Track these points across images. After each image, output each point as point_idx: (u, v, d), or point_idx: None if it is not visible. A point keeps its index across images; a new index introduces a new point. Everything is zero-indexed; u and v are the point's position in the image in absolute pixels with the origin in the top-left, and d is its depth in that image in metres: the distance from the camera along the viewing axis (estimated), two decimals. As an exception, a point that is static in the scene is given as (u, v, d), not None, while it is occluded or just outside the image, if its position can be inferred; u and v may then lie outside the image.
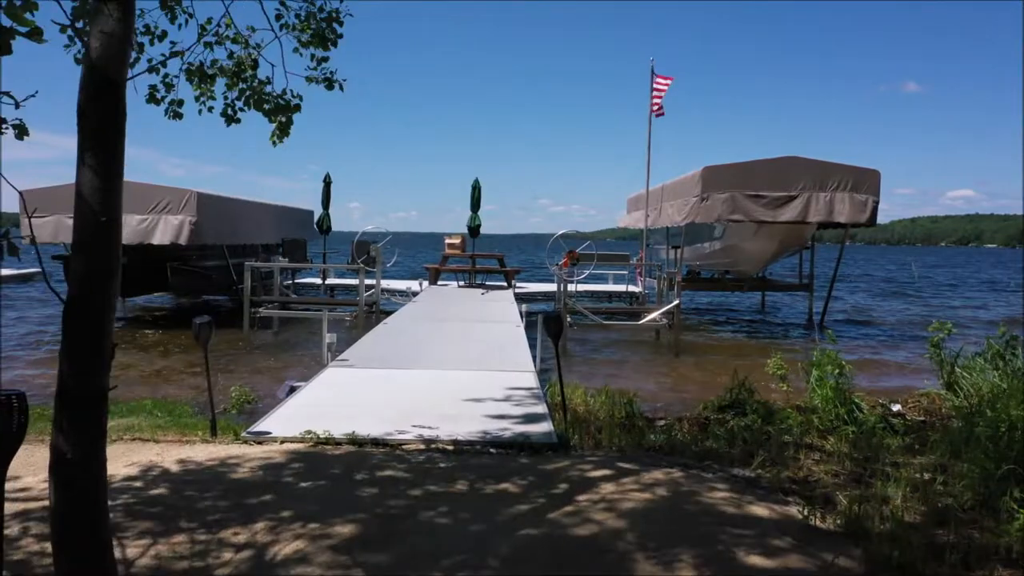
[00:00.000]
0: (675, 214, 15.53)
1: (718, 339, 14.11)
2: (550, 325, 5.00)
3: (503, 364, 7.25)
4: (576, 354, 11.83)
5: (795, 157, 14.27)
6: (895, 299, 25.51)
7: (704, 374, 10.20)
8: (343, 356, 7.42)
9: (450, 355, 7.77)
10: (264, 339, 12.44)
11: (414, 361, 7.32)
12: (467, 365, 7.18)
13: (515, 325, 10.06)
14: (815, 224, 14.47)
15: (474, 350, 8.07)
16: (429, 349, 8.07)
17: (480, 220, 18.29)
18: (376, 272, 13.58)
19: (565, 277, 12.21)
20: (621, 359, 11.51)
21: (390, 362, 7.24)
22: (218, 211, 15.54)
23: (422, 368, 7.00)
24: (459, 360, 7.46)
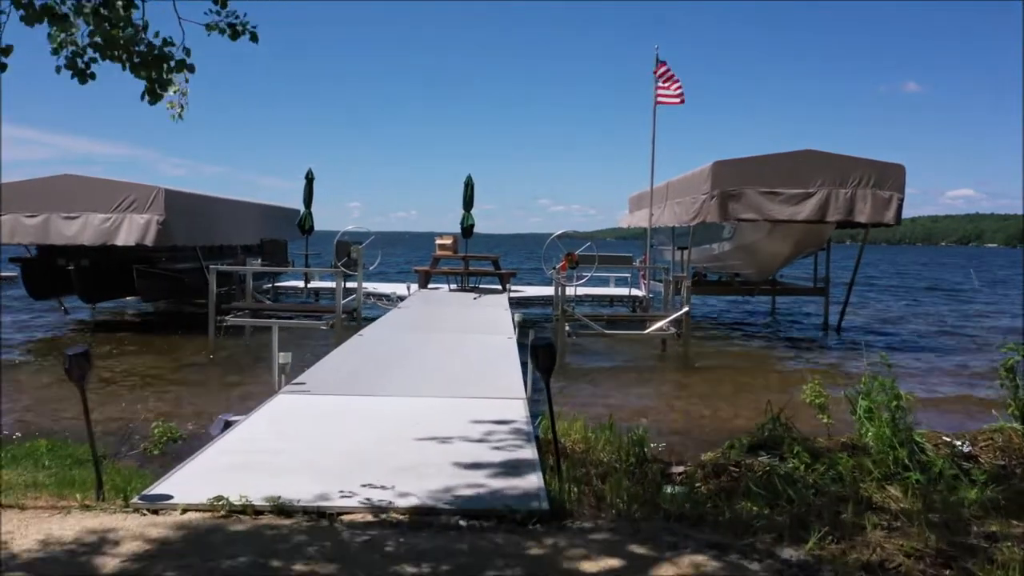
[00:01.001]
0: (682, 213, 14.41)
1: (729, 349, 13.00)
2: (539, 357, 3.77)
3: (488, 388, 6.14)
4: (575, 367, 10.72)
5: (813, 150, 13.16)
6: (924, 304, 24.36)
7: (718, 391, 9.09)
8: (300, 379, 6.30)
9: (428, 375, 6.66)
10: (231, 350, 11.33)
11: (383, 385, 6.21)
12: (446, 389, 6.07)
13: (507, 336, 8.95)
14: (834, 224, 13.35)
15: (457, 369, 6.96)
16: (404, 368, 6.95)
17: (473, 219, 17.17)
18: (357, 275, 12.47)
19: (563, 281, 11.10)
20: (624, 373, 10.40)
21: (354, 386, 6.13)
22: (189, 209, 14.42)
23: (391, 394, 5.89)
24: (437, 382, 6.35)
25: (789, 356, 12.28)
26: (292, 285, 17.81)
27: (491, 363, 7.24)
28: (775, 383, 9.86)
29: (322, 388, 6.01)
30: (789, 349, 13.10)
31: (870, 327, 16.72)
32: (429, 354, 7.70)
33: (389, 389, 6.05)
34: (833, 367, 11.32)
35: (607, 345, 12.04)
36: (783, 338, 14.62)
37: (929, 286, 32.40)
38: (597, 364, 11.03)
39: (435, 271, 16.72)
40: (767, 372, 10.75)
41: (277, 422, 5.01)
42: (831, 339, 14.57)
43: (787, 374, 10.57)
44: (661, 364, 11.29)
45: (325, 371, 6.70)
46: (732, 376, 10.26)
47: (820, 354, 12.64)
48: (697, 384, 9.56)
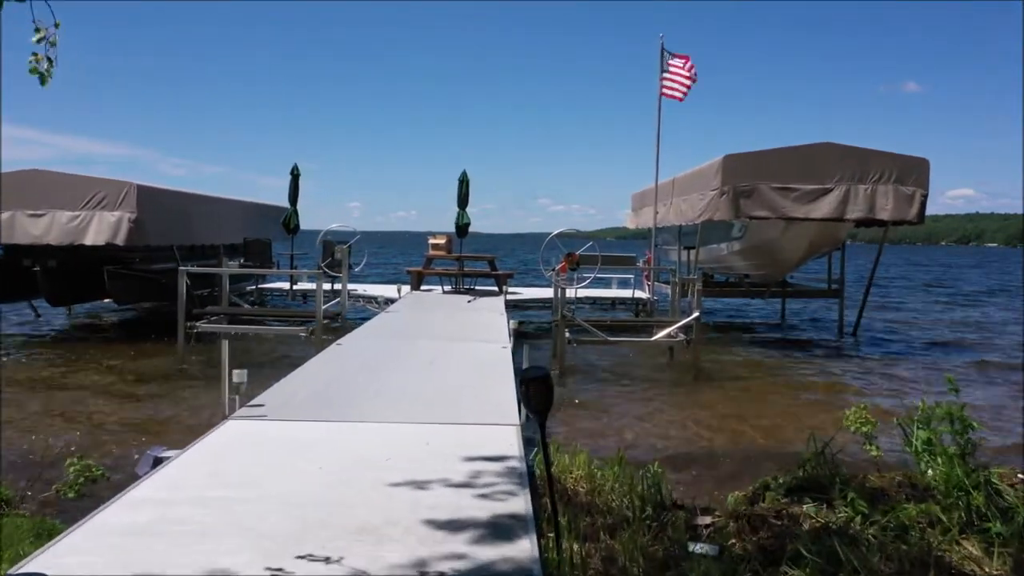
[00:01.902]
0: (689, 210, 13.56)
1: (741, 356, 12.13)
2: (531, 394, 2.77)
3: (477, 411, 5.28)
4: (575, 377, 9.86)
5: (831, 143, 12.30)
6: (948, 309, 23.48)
7: (735, 407, 8.23)
8: (257, 400, 5.44)
9: (408, 394, 5.79)
10: (203, 359, 10.46)
11: (355, 407, 5.34)
12: (427, 413, 5.21)
13: (501, 345, 8.09)
14: (852, 222, 12.50)
15: (442, 386, 6.09)
16: (382, 385, 6.08)
17: (469, 218, 16.31)
18: (342, 277, 11.61)
19: (563, 284, 10.23)
20: (630, 385, 9.54)
21: (321, 409, 5.26)
22: (165, 207, 13.57)
23: (363, 419, 5.02)
24: (419, 404, 5.48)
25: (806, 365, 11.42)
26: (277, 287, 16.93)
27: (482, 378, 6.38)
28: (796, 397, 9.01)
29: (282, 412, 5.14)
30: (805, 356, 12.24)
31: (887, 330, 15.85)
32: (412, 367, 6.83)
33: (361, 413, 5.18)
34: (858, 375, 10.47)
35: (610, 352, 11.18)
36: (796, 343, 13.76)
37: (936, 286, 31.55)
38: (600, 375, 10.17)
39: (428, 272, 15.87)
40: (785, 384, 9.89)
41: (218, 459, 4.14)
42: (847, 344, 13.71)
43: (808, 386, 9.72)
44: (670, 375, 10.42)
45: (289, 390, 5.83)
46: (748, 388, 9.41)
47: (840, 363, 11.77)
48: (711, 398, 8.70)
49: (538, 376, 2.68)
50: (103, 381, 9.14)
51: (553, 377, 2.78)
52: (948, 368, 11.26)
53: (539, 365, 3.74)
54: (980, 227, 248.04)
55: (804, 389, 9.49)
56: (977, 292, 28.80)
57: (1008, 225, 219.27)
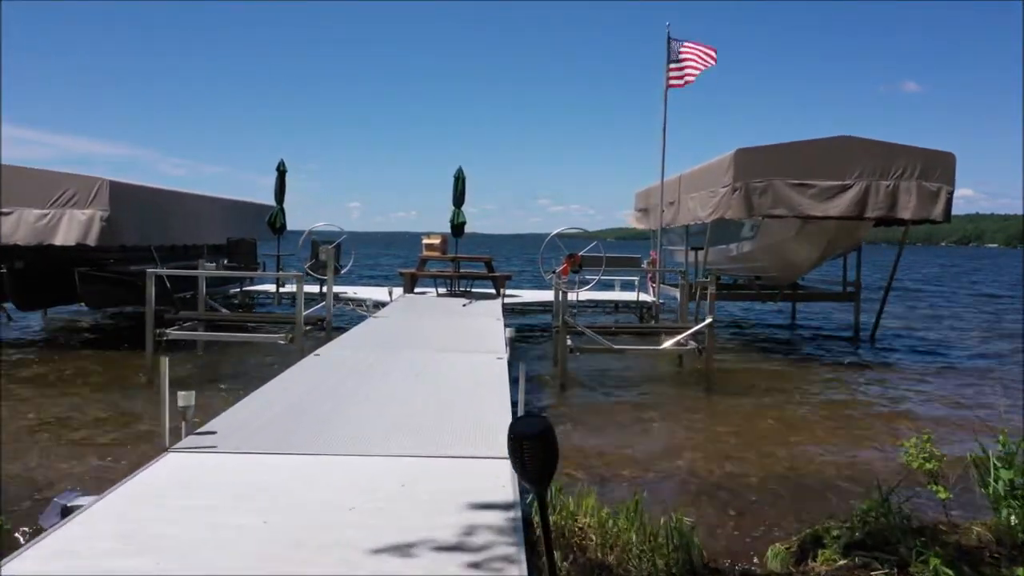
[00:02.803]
0: (698, 209, 12.77)
1: (753, 365, 11.34)
2: (527, 456, 1.80)
3: (465, 440, 4.49)
4: (577, 392, 9.08)
5: (850, 136, 11.52)
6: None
7: (757, 425, 7.44)
8: (209, 426, 4.65)
9: (387, 419, 5.00)
10: (175, 370, 9.66)
11: (324, 434, 4.55)
12: (407, 443, 4.42)
13: (496, 356, 7.30)
14: (872, 221, 11.72)
15: (427, 408, 5.30)
16: (358, 406, 5.29)
17: (465, 217, 15.51)
18: (328, 279, 10.82)
19: (565, 287, 9.44)
20: (637, 398, 8.76)
21: (282, 438, 4.48)
22: (140, 205, 12.76)
23: (332, 451, 4.24)
24: (398, 431, 4.69)
25: (825, 375, 10.62)
26: (264, 289, 16.14)
27: (473, 397, 5.59)
28: (820, 413, 8.22)
29: (234, 441, 4.35)
30: (823, 365, 11.45)
31: (906, 336, 15.05)
32: (395, 384, 6.04)
33: (329, 443, 4.39)
34: (883, 389, 9.68)
35: (614, 359, 10.40)
36: (811, 350, 12.97)
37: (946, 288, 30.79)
38: (604, 385, 9.38)
39: (421, 273, 15.09)
40: (805, 397, 9.11)
41: (139, 508, 3.35)
42: (865, 351, 12.93)
43: (832, 402, 8.92)
44: (681, 387, 9.62)
45: (249, 412, 5.04)
46: (766, 402, 8.62)
47: (861, 373, 10.98)
48: (728, 414, 7.91)
49: (535, 432, 1.89)
50: (50, 393, 8.35)
51: (554, 426, 1.98)
52: (979, 383, 10.49)
53: (535, 413, 2.95)
54: (980, 228, 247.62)
55: (827, 404, 8.70)
56: (995, 295, 27.97)
57: (1008, 225, 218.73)
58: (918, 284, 32.31)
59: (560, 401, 8.51)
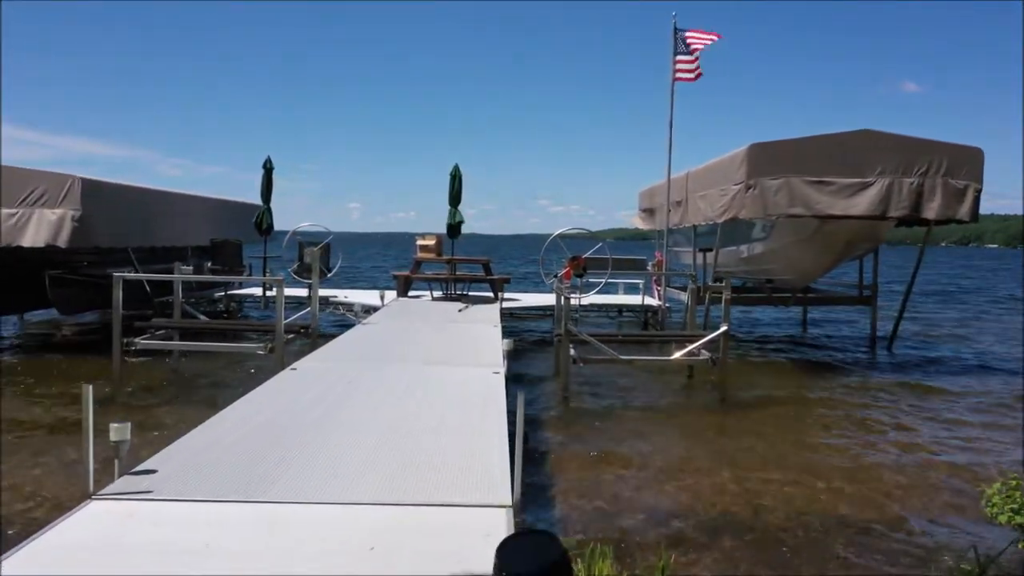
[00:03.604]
0: (708, 208, 12.06)
1: (766, 376, 10.63)
2: None
3: (453, 481, 3.77)
4: (582, 405, 8.36)
5: (871, 131, 10.81)
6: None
7: (777, 449, 6.73)
8: (151, 462, 3.92)
9: (361, 453, 4.27)
10: (145, 381, 8.96)
11: (283, 475, 3.82)
12: (382, 487, 3.70)
13: (493, 371, 6.58)
14: (894, 220, 11.00)
15: (410, 438, 4.57)
16: (329, 437, 4.56)
17: (462, 216, 14.80)
18: (313, 283, 10.10)
19: (567, 292, 8.72)
20: (645, 415, 8.04)
21: (233, 481, 3.74)
22: (115, 204, 12.07)
23: (288, 498, 3.52)
24: (373, 470, 3.96)
25: (846, 389, 9.90)
26: (251, 293, 15.41)
27: (465, 424, 4.87)
28: (846, 435, 7.51)
29: (177, 485, 3.63)
30: (841, 377, 10.73)
31: (924, 343, 14.32)
32: (377, 406, 5.31)
33: (289, 487, 3.67)
34: (909, 405, 8.96)
35: (617, 368, 9.68)
36: (825, 358, 12.25)
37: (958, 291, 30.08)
38: (610, 402, 8.66)
39: (416, 276, 14.37)
40: (827, 413, 8.40)
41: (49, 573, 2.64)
42: (883, 361, 12.22)
43: (857, 421, 8.19)
44: (693, 402, 8.91)
45: (200, 445, 4.30)
46: (786, 421, 7.91)
47: (883, 387, 10.26)
48: (746, 435, 7.18)
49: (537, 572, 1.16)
50: (22, 408, 7.63)
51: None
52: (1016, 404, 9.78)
53: (538, 531, 2.18)
54: (980, 228, 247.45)
55: (852, 424, 7.97)
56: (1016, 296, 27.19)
57: (1008, 226, 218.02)
58: (929, 286, 31.60)
59: (562, 417, 7.80)
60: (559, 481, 5.49)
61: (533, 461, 6.02)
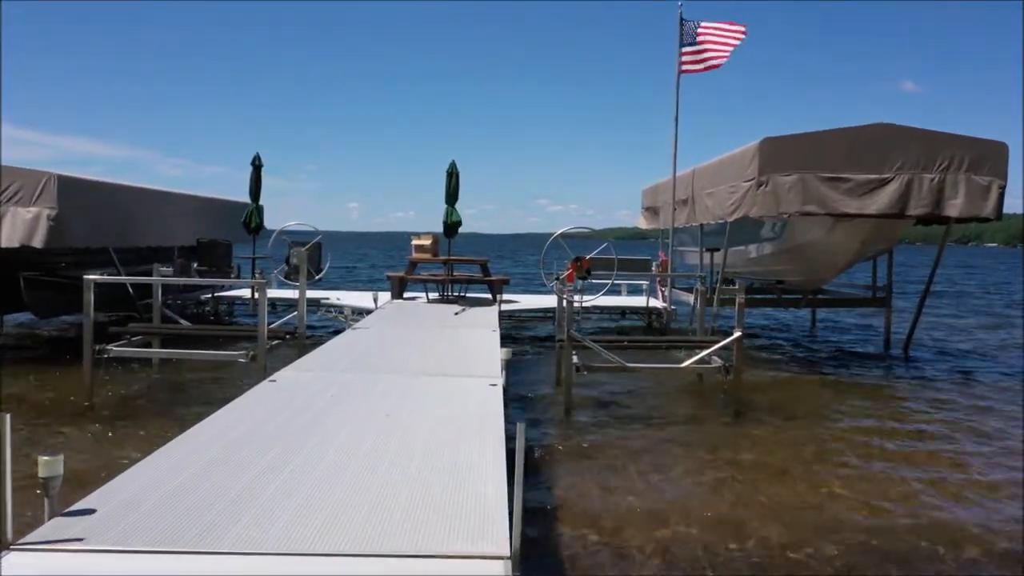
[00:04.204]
0: (716, 207, 11.51)
1: (781, 382, 10.08)
2: None
3: (442, 525, 3.22)
4: (584, 416, 7.81)
5: (889, 124, 10.27)
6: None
7: (803, 467, 6.18)
8: (88, 500, 3.36)
9: (337, 491, 3.72)
10: (116, 393, 8.40)
11: (242, 519, 3.27)
12: (355, 535, 3.15)
13: (490, 383, 6.03)
14: (913, 219, 10.46)
15: (394, 467, 4.02)
16: (299, 467, 4.01)
17: (459, 216, 14.23)
18: (300, 285, 9.55)
19: (570, 295, 8.18)
20: (653, 428, 7.48)
21: (181, 523, 3.18)
22: (96, 202, 11.51)
23: (248, 548, 2.96)
24: (347, 513, 3.41)
25: (866, 396, 9.36)
26: (240, 295, 14.84)
27: (457, 450, 4.32)
28: (874, 448, 6.97)
29: (116, 531, 3.07)
30: (860, 383, 10.19)
31: (943, 347, 13.76)
32: (359, 427, 4.75)
33: (249, 533, 3.11)
34: (934, 411, 8.42)
35: (626, 376, 9.14)
36: (839, 365, 11.70)
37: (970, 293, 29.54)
38: (615, 413, 8.11)
39: (411, 278, 13.82)
40: (848, 422, 7.86)
41: None
42: (899, 366, 11.69)
43: (882, 431, 7.65)
44: (704, 412, 8.34)
45: (149, 479, 3.74)
46: (806, 433, 7.36)
47: (906, 394, 9.72)
48: (765, 451, 6.63)
49: None
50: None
51: None
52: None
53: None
54: (980, 227, 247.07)
55: (878, 434, 7.43)
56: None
57: (1008, 225, 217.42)
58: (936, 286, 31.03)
59: (564, 431, 7.25)
60: (563, 516, 4.94)
61: (534, 486, 5.47)
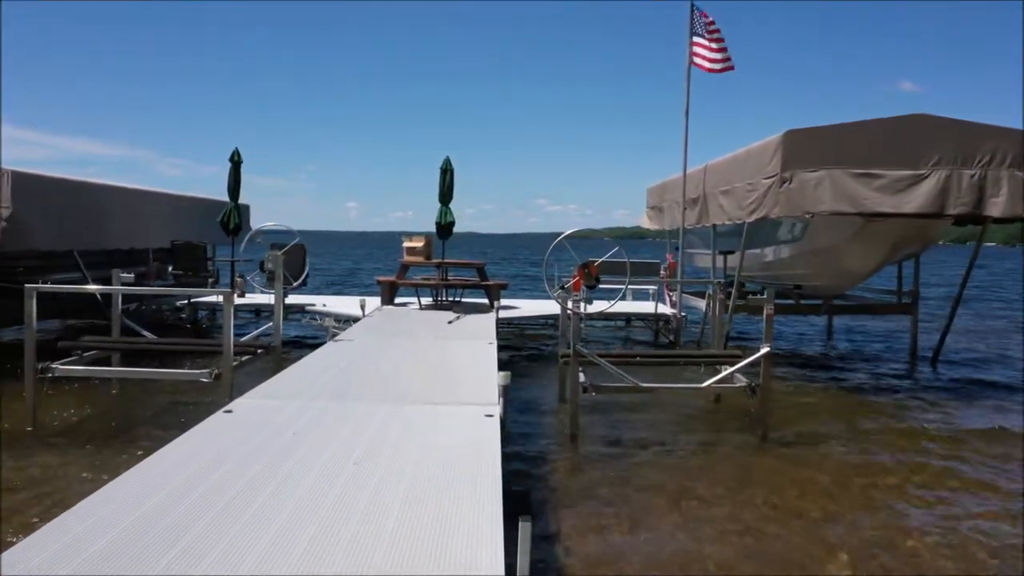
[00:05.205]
0: (732, 206, 10.61)
1: (808, 399, 9.17)
2: None
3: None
4: (594, 447, 6.90)
5: (924, 115, 9.36)
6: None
7: (846, 503, 5.27)
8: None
9: (295, 556, 2.80)
10: (64, 415, 7.46)
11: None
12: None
13: (484, 412, 5.12)
14: (951, 219, 9.56)
15: (369, 521, 3.10)
16: (253, 524, 3.09)
17: (452, 216, 13.31)
18: (275, 292, 8.64)
19: (576, 307, 7.26)
20: (668, 455, 6.57)
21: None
22: (57, 201, 10.58)
23: None
24: (310, 568, 2.50)
25: (900, 415, 8.47)
26: (216, 302, 13.90)
27: (443, 505, 3.40)
28: (926, 481, 6.07)
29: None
30: (892, 400, 9.30)
31: (970, 356, 12.85)
32: (324, 474, 3.83)
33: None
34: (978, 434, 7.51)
35: (634, 399, 8.22)
36: (868, 377, 10.79)
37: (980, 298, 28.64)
38: (625, 438, 7.19)
39: (402, 282, 12.91)
40: (892, 455, 6.95)
41: None
42: (927, 375, 10.80)
43: (953, 471, 6.75)
44: (716, 427, 7.44)
45: (50, 548, 2.82)
46: (846, 464, 6.45)
47: (941, 414, 8.83)
48: (800, 487, 5.72)
49: None
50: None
51: None
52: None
53: None
54: (979, 227, 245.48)
55: (934, 475, 6.52)
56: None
57: (1008, 225, 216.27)
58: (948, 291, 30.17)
59: (570, 463, 6.34)
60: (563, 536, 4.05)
61: (535, 536, 4.56)
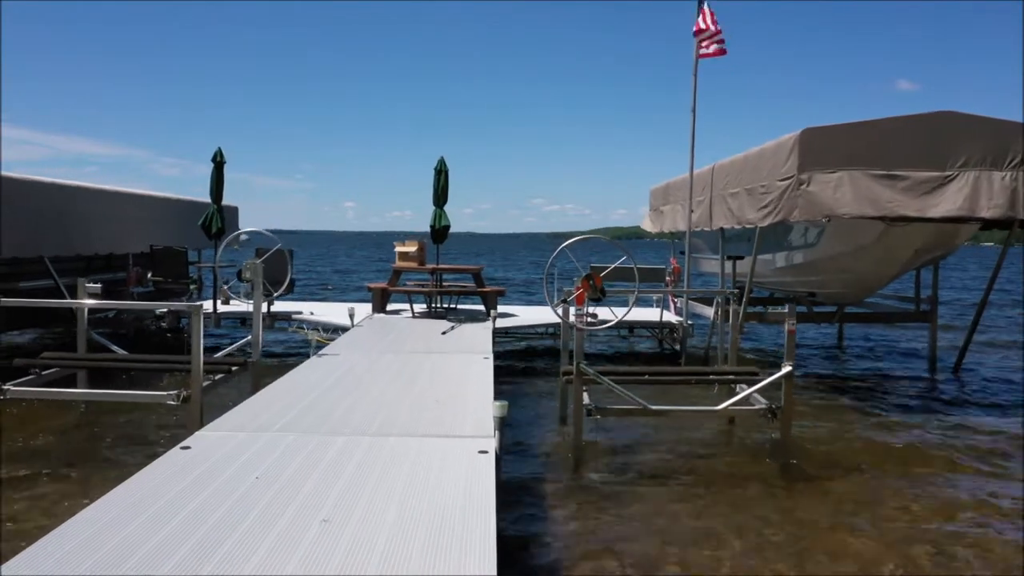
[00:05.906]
0: (744, 209, 9.99)
1: (829, 421, 8.54)
2: None
3: None
4: (598, 476, 6.26)
5: (952, 112, 8.74)
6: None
7: (894, 553, 4.64)
8: None
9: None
10: (24, 436, 6.82)
11: None
12: None
13: (478, 449, 4.49)
14: (980, 223, 8.94)
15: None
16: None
17: (448, 219, 12.64)
18: (255, 303, 8.00)
19: (581, 323, 6.63)
20: (682, 489, 5.93)
21: None
22: (23, 204, 9.92)
23: None
24: None
25: (930, 435, 7.85)
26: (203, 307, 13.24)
27: (426, 558, 2.76)
28: (976, 518, 5.44)
29: None
30: (916, 417, 8.68)
31: (991, 367, 12.23)
32: (291, 529, 3.19)
33: None
34: None
35: (639, 423, 7.58)
36: (890, 392, 10.17)
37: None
38: (632, 465, 6.55)
39: (394, 289, 12.27)
40: (941, 490, 6.32)
41: None
42: (949, 387, 10.18)
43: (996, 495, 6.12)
44: (730, 454, 6.80)
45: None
46: (884, 497, 5.82)
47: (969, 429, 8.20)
48: (835, 530, 5.09)
49: None
50: None
51: None
52: None
53: None
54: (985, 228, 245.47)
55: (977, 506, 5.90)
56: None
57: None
58: (954, 295, 29.57)
59: (574, 495, 5.70)
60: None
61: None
